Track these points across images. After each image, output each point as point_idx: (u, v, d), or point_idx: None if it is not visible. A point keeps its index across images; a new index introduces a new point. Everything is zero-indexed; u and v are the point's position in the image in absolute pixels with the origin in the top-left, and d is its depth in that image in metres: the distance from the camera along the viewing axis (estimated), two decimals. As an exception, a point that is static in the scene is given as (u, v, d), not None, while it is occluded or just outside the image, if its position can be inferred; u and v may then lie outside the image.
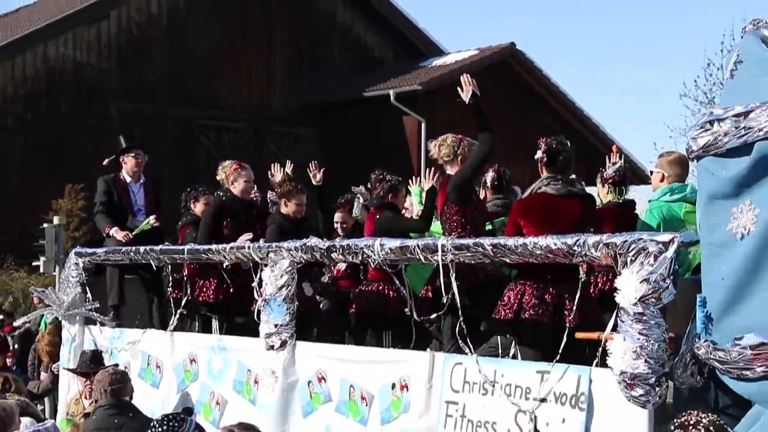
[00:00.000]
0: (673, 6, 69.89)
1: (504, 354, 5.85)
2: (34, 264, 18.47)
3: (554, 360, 4.75)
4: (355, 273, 8.07)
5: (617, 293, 4.37)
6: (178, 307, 7.58)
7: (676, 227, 5.99)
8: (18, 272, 20.37)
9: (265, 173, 8.68)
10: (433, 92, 24.78)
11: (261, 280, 6.47)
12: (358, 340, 7.24)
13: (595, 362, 4.58)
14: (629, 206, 6.99)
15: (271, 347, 6.31)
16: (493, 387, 4.94)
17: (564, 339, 4.91)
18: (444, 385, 5.23)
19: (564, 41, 74.46)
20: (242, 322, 7.62)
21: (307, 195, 7.90)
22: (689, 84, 24.32)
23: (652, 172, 6.61)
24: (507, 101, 24.34)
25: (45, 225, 18.01)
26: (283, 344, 6.28)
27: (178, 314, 7.58)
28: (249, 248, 6.71)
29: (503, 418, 4.87)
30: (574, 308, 5.28)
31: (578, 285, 5.10)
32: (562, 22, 76.31)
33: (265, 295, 6.37)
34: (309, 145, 26.54)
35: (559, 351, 4.79)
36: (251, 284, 6.64)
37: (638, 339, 4.27)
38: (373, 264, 5.96)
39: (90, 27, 24.98)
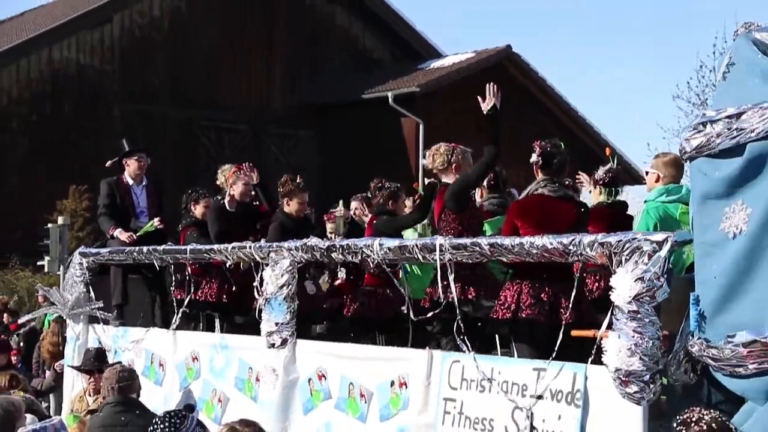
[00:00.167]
0: (666, 9, 69.91)
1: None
2: (39, 263, 18.51)
3: (550, 357, 4.81)
4: (354, 281, 8.17)
5: (612, 291, 4.41)
6: (181, 307, 7.65)
7: (672, 228, 6.02)
8: (23, 271, 20.48)
9: (266, 174, 8.81)
10: (431, 94, 24.83)
11: (262, 280, 6.53)
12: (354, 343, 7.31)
13: (591, 359, 4.63)
14: (620, 207, 7.05)
15: (272, 345, 6.36)
16: (491, 384, 5.00)
17: (560, 337, 4.96)
18: (442, 383, 5.28)
19: (559, 44, 74.49)
20: (243, 321, 7.70)
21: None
22: (682, 86, 24.37)
23: (648, 173, 6.66)
24: (503, 103, 24.27)
25: (49, 225, 18.04)
26: (284, 342, 6.33)
27: (182, 313, 7.64)
28: (250, 248, 6.78)
29: (500, 415, 4.92)
30: (570, 307, 5.34)
31: (574, 284, 5.14)
32: (558, 25, 76.40)
33: (266, 294, 6.43)
34: (308, 147, 26.64)
35: (555, 349, 4.84)
36: (252, 283, 6.71)
37: (633, 336, 4.32)
38: (372, 264, 6.03)
39: (93, 30, 25.09)
